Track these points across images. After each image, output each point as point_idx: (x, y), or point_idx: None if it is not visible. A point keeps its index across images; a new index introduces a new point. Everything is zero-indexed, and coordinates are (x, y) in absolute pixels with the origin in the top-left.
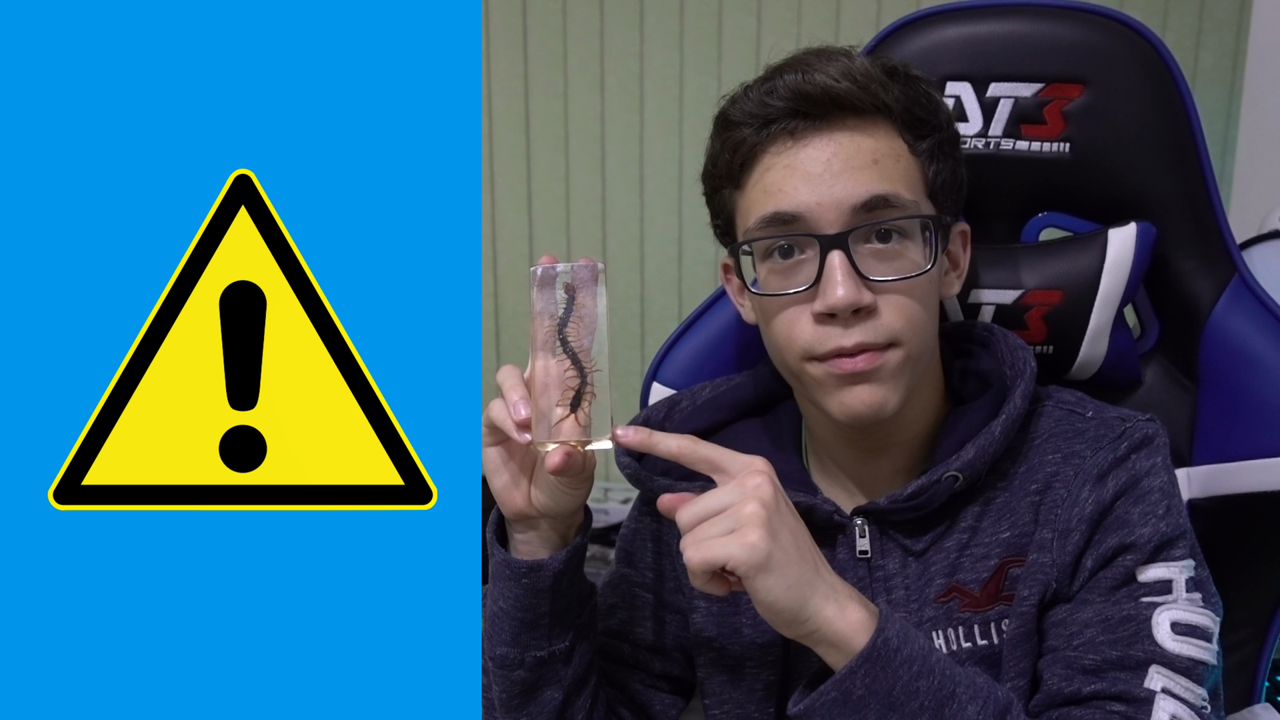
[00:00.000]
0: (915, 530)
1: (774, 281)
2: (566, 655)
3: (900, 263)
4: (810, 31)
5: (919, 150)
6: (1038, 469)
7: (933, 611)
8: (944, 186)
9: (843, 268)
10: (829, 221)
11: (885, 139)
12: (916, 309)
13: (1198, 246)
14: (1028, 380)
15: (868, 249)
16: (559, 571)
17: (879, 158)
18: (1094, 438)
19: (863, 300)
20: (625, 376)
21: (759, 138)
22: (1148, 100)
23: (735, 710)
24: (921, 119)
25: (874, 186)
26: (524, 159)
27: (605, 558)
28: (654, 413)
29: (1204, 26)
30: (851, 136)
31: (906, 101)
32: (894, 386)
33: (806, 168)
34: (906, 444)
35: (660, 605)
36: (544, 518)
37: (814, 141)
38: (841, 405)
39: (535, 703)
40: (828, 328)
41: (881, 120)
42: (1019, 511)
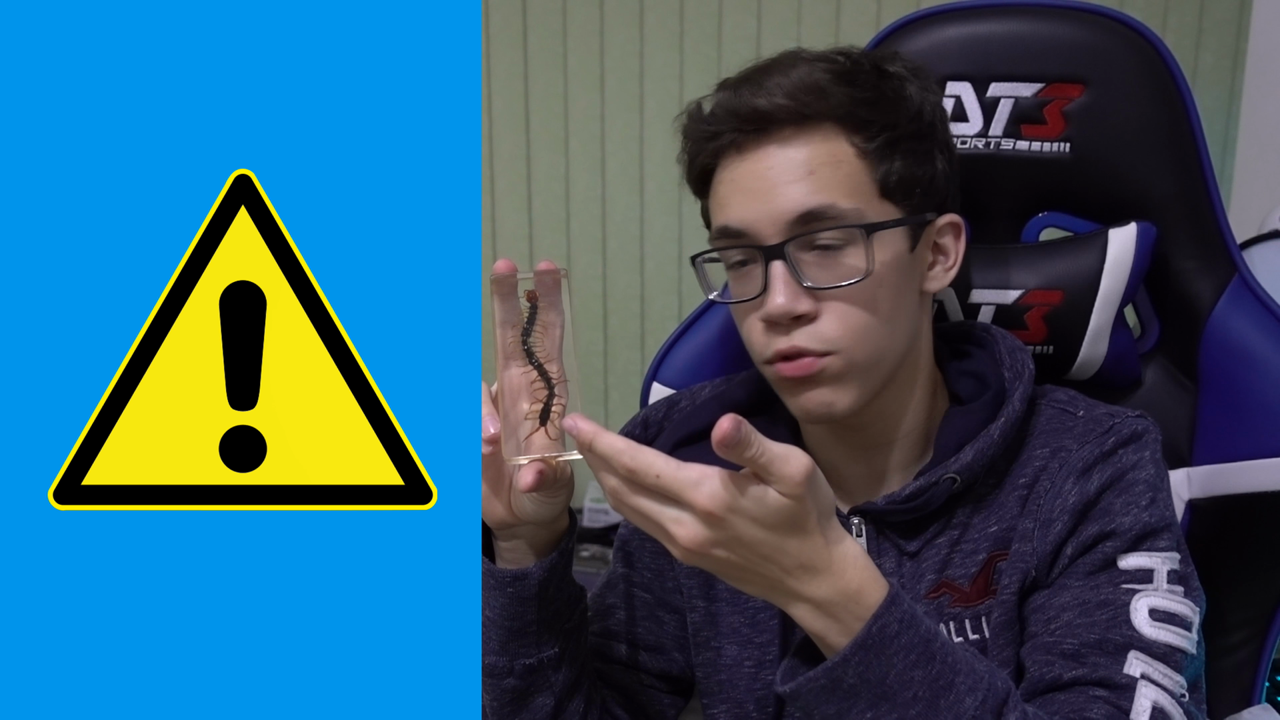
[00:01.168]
0: (911, 531)
1: (735, 289)
2: (556, 661)
3: (839, 270)
4: (810, 32)
5: (867, 152)
6: (1026, 464)
7: (923, 608)
8: (901, 184)
9: (782, 277)
10: (770, 234)
11: (824, 145)
12: (859, 315)
13: (1198, 246)
14: (1026, 383)
15: (810, 256)
16: (544, 579)
17: (815, 168)
18: (1081, 433)
19: (798, 308)
20: (625, 376)
21: (709, 153)
22: (1148, 100)
23: (733, 709)
24: (868, 120)
25: (806, 200)
26: (524, 159)
27: (605, 558)
28: (653, 412)
29: (1204, 26)
30: (784, 150)
31: (851, 104)
32: (841, 390)
33: (746, 184)
34: (899, 442)
35: (659, 605)
36: (527, 525)
37: (753, 155)
38: (796, 406)
39: (527, 710)
40: (772, 333)
41: (820, 126)
42: (1007, 505)
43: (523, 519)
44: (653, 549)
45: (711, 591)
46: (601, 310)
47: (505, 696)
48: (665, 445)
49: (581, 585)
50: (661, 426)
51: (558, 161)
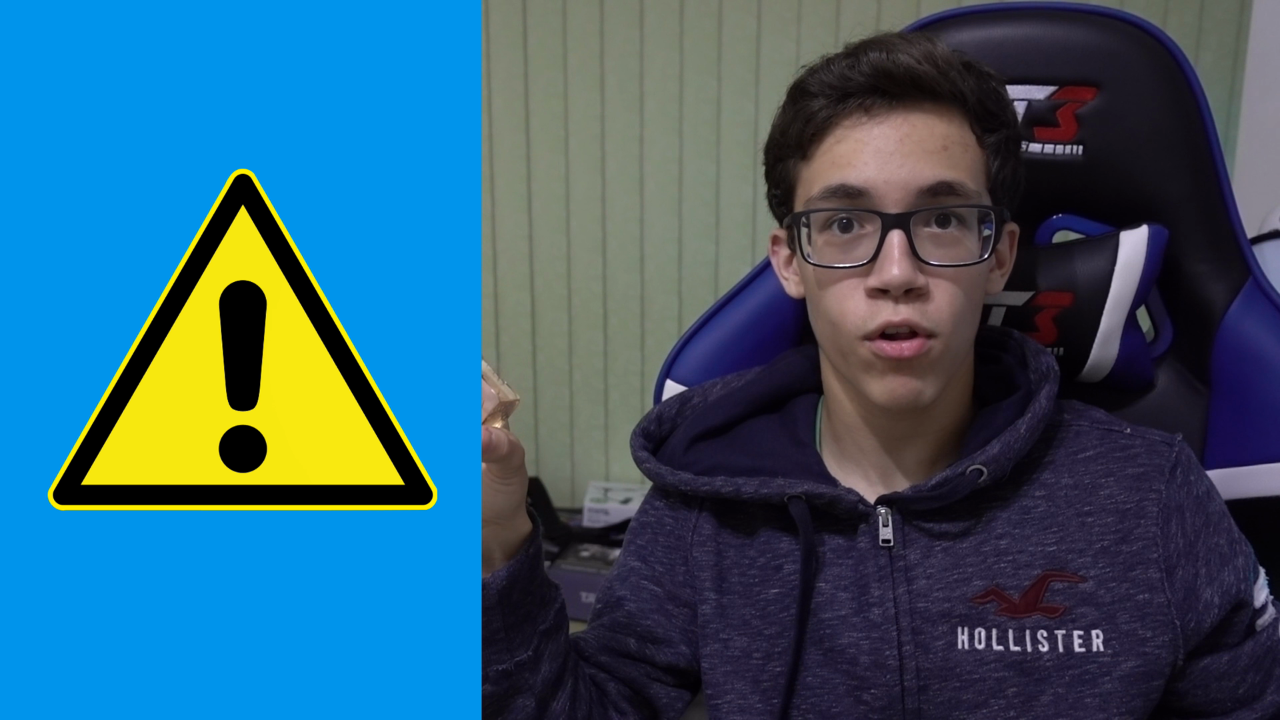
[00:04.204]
0: (938, 520)
1: (830, 254)
2: (533, 663)
3: (956, 250)
4: (810, 32)
5: (986, 143)
6: (1090, 490)
7: (965, 609)
8: (1004, 183)
9: (901, 246)
10: (894, 200)
11: (957, 127)
12: (963, 300)
13: (1211, 249)
14: (1052, 382)
15: (926, 232)
16: (504, 588)
17: (949, 144)
18: (1150, 465)
19: (917, 281)
20: (625, 376)
21: (834, 110)
22: (1162, 103)
23: (738, 701)
24: (992, 113)
25: (941, 172)
26: (524, 159)
27: (605, 558)
28: (666, 409)
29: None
30: (925, 119)
31: (980, 94)
32: (932, 378)
33: (878, 144)
34: (931, 436)
35: (668, 598)
36: (488, 526)
37: (889, 120)
38: (883, 388)
39: (509, 712)
40: (879, 303)
41: (955, 108)
42: (1066, 527)
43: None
44: (664, 543)
45: (724, 584)
46: (601, 310)
47: (484, 703)
48: (682, 440)
49: (556, 584)
50: (675, 423)
51: (558, 161)
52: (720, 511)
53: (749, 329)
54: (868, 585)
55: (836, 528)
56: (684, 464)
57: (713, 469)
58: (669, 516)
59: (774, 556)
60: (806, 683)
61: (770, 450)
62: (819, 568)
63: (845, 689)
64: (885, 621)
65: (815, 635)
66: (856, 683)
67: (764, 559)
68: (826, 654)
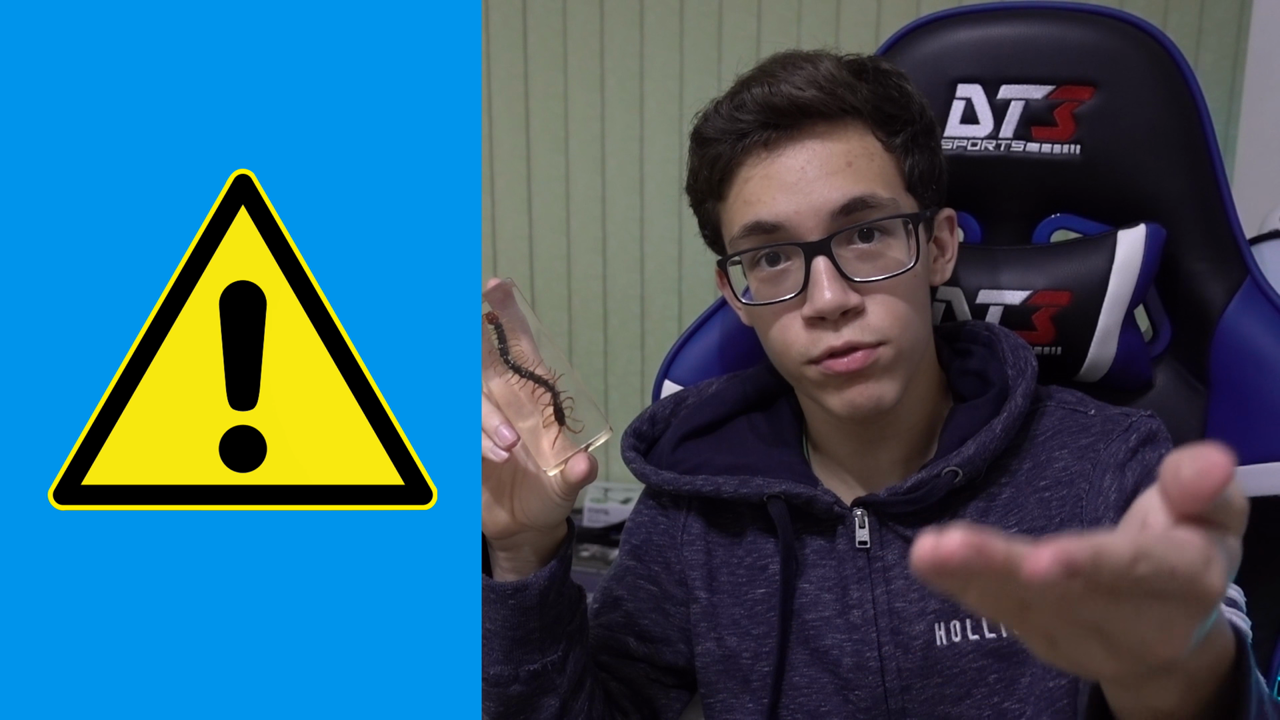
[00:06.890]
0: (915, 522)
1: (764, 290)
2: (560, 664)
3: (884, 261)
4: (810, 32)
5: (893, 146)
6: (1045, 465)
7: (938, 604)
8: (922, 178)
9: (828, 272)
10: (809, 229)
11: (857, 140)
12: (903, 305)
13: (1209, 249)
14: (1029, 380)
15: (851, 250)
16: (544, 588)
17: (852, 159)
18: (1102, 431)
19: (849, 302)
20: (625, 376)
21: (734, 152)
22: (1159, 103)
23: (730, 700)
24: (892, 115)
25: (849, 189)
26: (524, 159)
27: (605, 558)
28: (660, 409)
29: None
30: (823, 143)
31: (875, 100)
32: (890, 381)
33: (782, 177)
34: (904, 436)
35: (665, 598)
36: (528, 532)
37: (787, 150)
38: (843, 402)
39: (535, 712)
40: (818, 330)
41: (852, 121)
42: (1026, 508)
43: (529, 524)
44: (659, 542)
45: (714, 583)
46: (601, 310)
47: (512, 704)
48: (672, 439)
49: (580, 586)
50: (669, 422)
51: (558, 161)
52: (708, 511)
53: (747, 329)
54: (848, 587)
55: (817, 529)
56: (671, 463)
57: (697, 467)
58: (660, 516)
59: (760, 556)
60: (795, 682)
61: (753, 448)
62: (802, 569)
63: (833, 688)
64: (865, 623)
65: (801, 636)
66: (842, 683)
67: (750, 558)
68: (813, 654)
